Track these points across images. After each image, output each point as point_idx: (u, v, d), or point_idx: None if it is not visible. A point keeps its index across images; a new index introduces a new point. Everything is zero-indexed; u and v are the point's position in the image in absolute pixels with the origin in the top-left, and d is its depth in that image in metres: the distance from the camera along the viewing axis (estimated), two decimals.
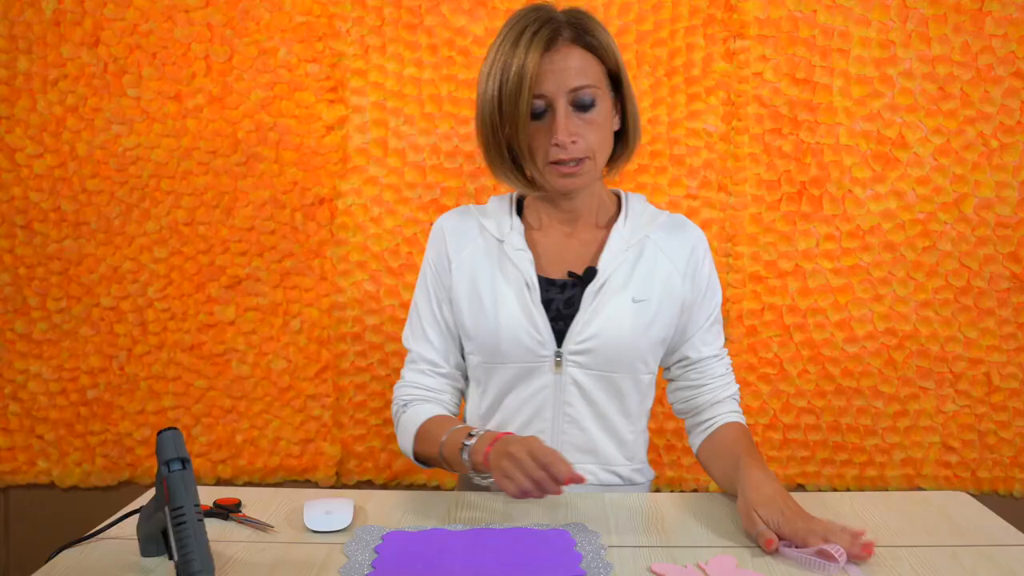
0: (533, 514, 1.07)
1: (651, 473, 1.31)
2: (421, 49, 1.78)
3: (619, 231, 1.22)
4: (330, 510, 1.04)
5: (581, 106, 1.14)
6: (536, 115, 1.15)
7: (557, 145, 1.13)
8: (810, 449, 1.84)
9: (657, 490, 1.83)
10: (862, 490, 1.83)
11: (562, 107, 1.13)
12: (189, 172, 1.79)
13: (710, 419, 1.24)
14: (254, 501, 1.11)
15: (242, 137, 1.79)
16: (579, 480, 0.97)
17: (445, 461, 1.13)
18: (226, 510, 1.06)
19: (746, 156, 1.79)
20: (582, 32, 1.16)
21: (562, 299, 1.19)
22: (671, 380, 1.29)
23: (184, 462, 0.86)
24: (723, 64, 1.78)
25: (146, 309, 1.82)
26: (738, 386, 1.28)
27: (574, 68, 1.14)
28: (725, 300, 1.81)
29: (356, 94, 1.79)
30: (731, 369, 1.28)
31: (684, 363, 1.26)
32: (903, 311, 1.81)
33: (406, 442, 1.22)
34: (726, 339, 1.81)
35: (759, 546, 0.96)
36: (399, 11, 1.77)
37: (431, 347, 1.26)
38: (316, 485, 1.86)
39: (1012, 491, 1.84)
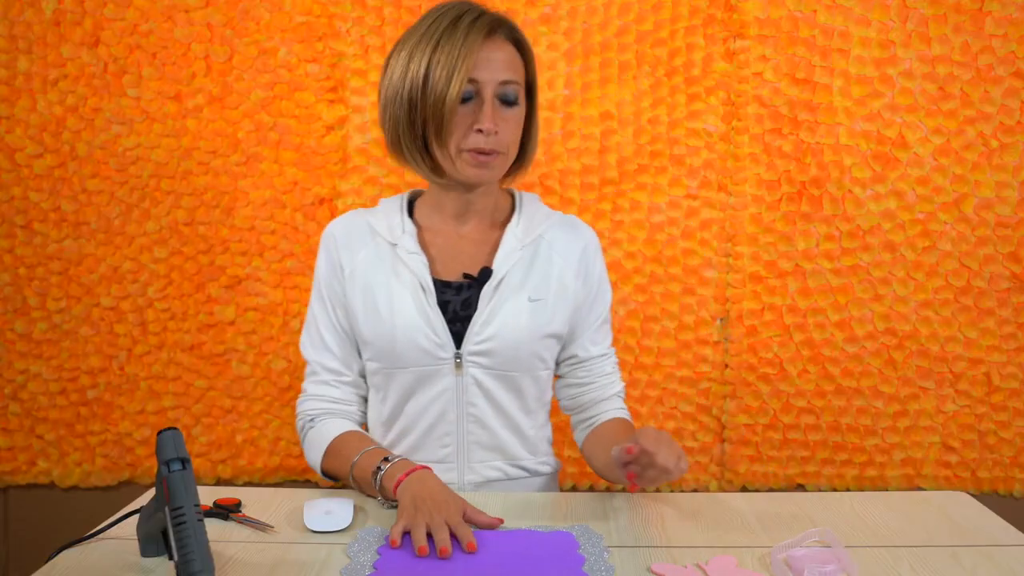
0: (535, 516, 1.07)
1: (556, 463, 1.32)
2: None
3: (513, 231, 1.22)
4: (330, 510, 1.04)
5: (505, 100, 1.15)
6: (463, 99, 1.13)
7: (481, 132, 1.12)
8: (810, 449, 1.84)
9: (657, 490, 1.83)
10: (862, 490, 1.82)
11: (490, 97, 1.13)
12: (189, 172, 1.79)
13: (595, 415, 1.27)
14: (254, 501, 1.11)
15: (242, 137, 1.79)
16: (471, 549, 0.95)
17: (355, 483, 1.14)
18: (226, 510, 1.06)
19: (746, 156, 1.79)
20: (513, 30, 1.18)
21: (459, 300, 1.19)
22: (560, 377, 1.31)
23: (184, 462, 0.85)
24: (723, 64, 1.78)
25: (146, 309, 1.82)
26: (623, 384, 1.31)
27: (507, 61, 1.15)
28: (724, 300, 1.82)
29: (356, 94, 1.79)
30: (618, 368, 1.31)
31: (572, 361, 1.27)
32: (903, 311, 1.81)
33: (314, 458, 1.21)
34: (729, 339, 1.82)
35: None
36: (399, 11, 1.77)
37: (332, 356, 1.24)
38: (316, 485, 1.86)
39: (1012, 491, 1.84)
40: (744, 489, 1.84)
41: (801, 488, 1.85)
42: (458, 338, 1.18)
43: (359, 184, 1.80)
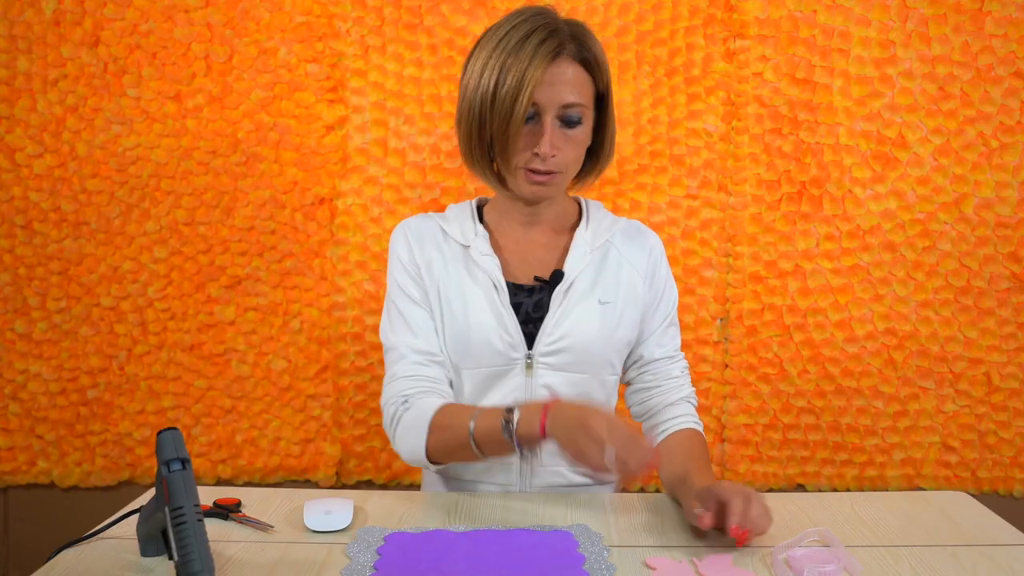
0: (535, 515, 1.07)
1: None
2: (421, 49, 1.78)
3: (582, 235, 1.24)
4: (330, 510, 1.04)
5: (567, 122, 1.15)
6: (526, 119, 1.14)
7: (537, 155, 1.14)
8: (810, 449, 1.84)
9: (657, 490, 1.83)
10: (862, 490, 1.83)
11: (550, 120, 1.14)
12: (189, 172, 1.79)
13: (665, 422, 1.24)
14: (254, 501, 1.11)
15: (242, 137, 1.79)
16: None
17: (477, 447, 1.06)
18: (226, 510, 1.06)
19: (746, 156, 1.79)
20: (582, 48, 1.16)
21: (531, 302, 1.20)
22: (628, 383, 1.30)
23: (184, 462, 0.85)
24: (723, 64, 1.78)
25: (146, 309, 1.82)
26: (693, 389, 1.28)
27: (570, 84, 1.14)
28: (724, 300, 1.82)
29: (356, 94, 1.79)
30: (687, 372, 1.29)
31: (638, 364, 1.27)
32: (903, 311, 1.81)
33: (416, 439, 1.11)
34: (729, 339, 1.82)
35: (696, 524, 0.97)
36: (399, 11, 1.77)
37: (420, 337, 1.19)
38: (316, 485, 1.86)
39: (1012, 491, 1.84)
40: None
41: (801, 488, 1.85)
42: (529, 340, 1.19)
43: (359, 184, 1.80)
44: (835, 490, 1.83)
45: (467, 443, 1.07)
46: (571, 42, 1.15)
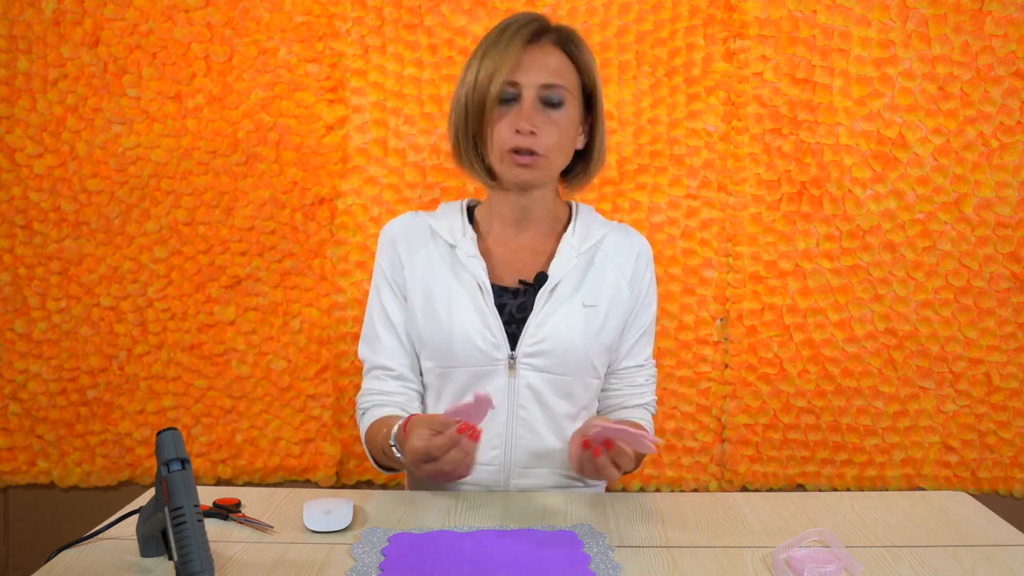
0: (537, 516, 1.07)
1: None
2: (421, 49, 1.78)
3: (568, 240, 1.25)
4: (330, 510, 1.04)
5: (549, 103, 1.17)
6: (505, 101, 1.18)
7: (519, 132, 1.16)
8: (810, 449, 1.84)
9: (657, 490, 1.83)
10: (862, 490, 1.83)
11: (530, 98, 1.16)
12: (189, 172, 1.79)
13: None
14: (254, 501, 1.11)
15: (242, 137, 1.79)
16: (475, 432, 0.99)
17: (399, 464, 1.15)
18: (226, 510, 1.06)
19: (746, 156, 1.79)
20: (567, 40, 1.20)
21: (515, 304, 1.21)
22: None
23: (184, 462, 0.86)
24: (723, 64, 1.78)
25: (146, 309, 1.82)
26: (655, 398, 1.31)
27: (551, 66, 1.18)
28: (724, 300, 1.82)
29: (356, 94, 1.79)
30: (652, 381, 1.31)
31: (608, 368, 1.29)
32: (903, 311, 1.81)
33: (368, 453, 1.25)
34: (729, 339, 1.82)
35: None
36: (399, 11, 1.77)
37: (384, 352, 1.25)
38: (316, 485, 1.86)
39: (1012, 491, 1.84)
40: (744, 489, 1.84)
41: (801, 488, 1.85)
42: (513, 341, 1.20)
43: (359, 184, 1.80)
44: (835, 490, 1.83)
45: (385, 457, 1.17)
46: (554, 32, 1.19)
